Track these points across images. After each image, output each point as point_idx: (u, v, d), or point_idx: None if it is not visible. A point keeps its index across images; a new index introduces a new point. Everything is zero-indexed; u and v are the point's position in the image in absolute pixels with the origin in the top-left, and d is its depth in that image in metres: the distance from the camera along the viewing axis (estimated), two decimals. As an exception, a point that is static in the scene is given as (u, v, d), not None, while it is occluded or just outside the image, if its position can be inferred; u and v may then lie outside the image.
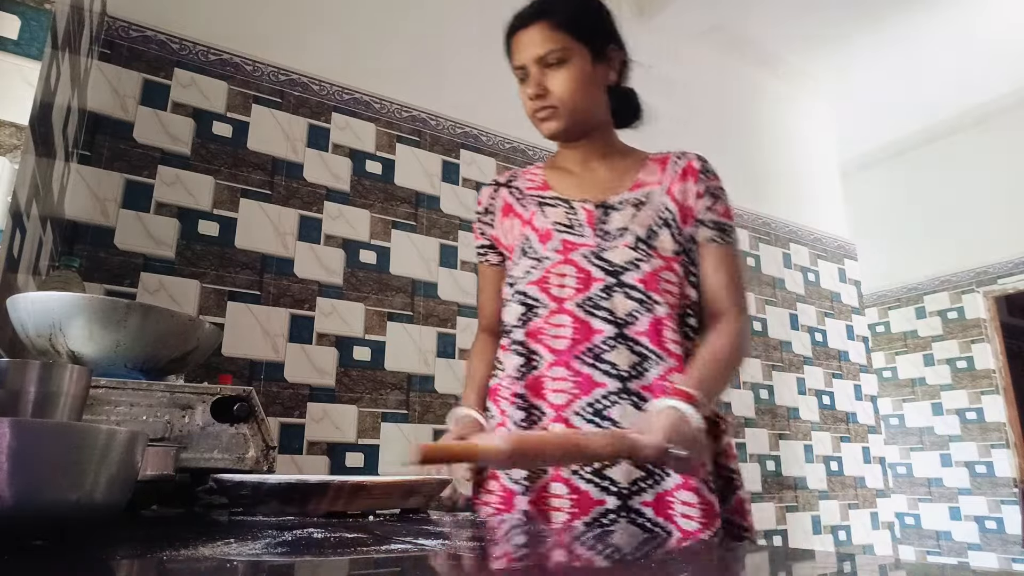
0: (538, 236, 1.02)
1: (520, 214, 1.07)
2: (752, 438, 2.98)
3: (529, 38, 0.98)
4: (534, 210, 1.05)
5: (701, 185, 1.01)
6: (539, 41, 0.97)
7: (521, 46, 0.99)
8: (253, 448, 0.82)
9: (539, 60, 0.97)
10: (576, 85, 0.97)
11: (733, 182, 3.82)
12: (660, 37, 3.31)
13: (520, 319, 1.00)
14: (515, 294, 1.02)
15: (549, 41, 0.96)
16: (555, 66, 0.97)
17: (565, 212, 1.03)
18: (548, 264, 0.99)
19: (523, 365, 0.98)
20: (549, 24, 0.97)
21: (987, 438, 4.10)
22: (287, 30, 2.20)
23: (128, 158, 1.83)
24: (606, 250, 0.97)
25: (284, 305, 1.98)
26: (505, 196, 1.11)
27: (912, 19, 3.53)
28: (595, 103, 1.02)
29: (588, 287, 0.96)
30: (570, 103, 0.98)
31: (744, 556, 0.42)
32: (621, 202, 1.01)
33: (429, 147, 2.39)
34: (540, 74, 0.98)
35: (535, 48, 0.97)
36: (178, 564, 0.32)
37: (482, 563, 0.35)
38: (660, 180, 1.02)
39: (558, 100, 0.98)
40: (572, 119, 1.00)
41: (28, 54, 0.99)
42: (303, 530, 0.46)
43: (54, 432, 0.35)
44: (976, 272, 4.28)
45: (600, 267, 0.96)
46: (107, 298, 0.84)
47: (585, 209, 1.02)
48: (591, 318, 0.94)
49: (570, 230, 1.01)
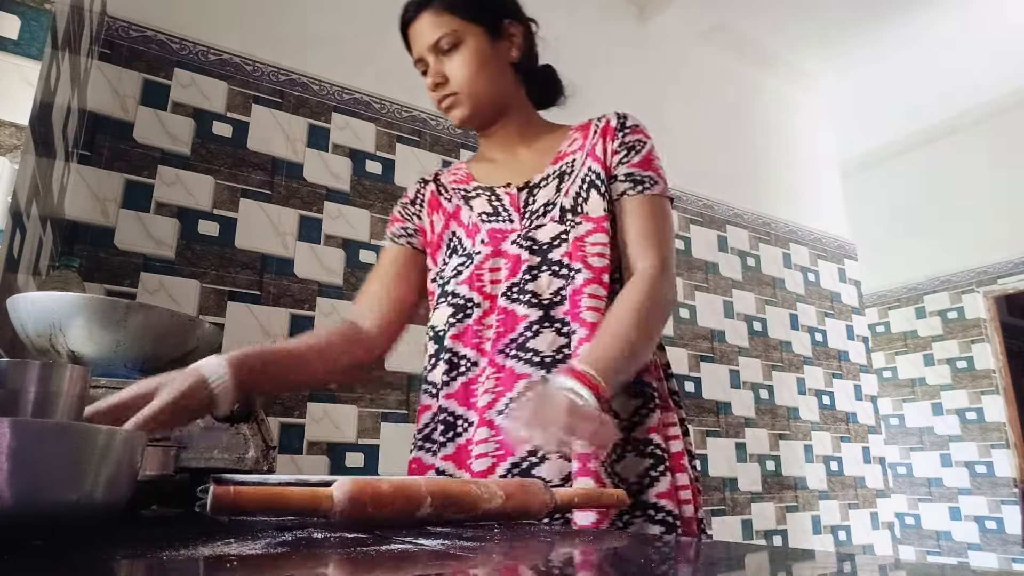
0: (466, 231, 0.97)
1: (445, 208, 1.02)
2: (752, 438, 2.97)
3: (419, 28, 0.94)
4: (459, 204, 1.01)
5: (617, 141, 0.95)
6: (428, 29, 0.93)
7: (414, 39, 0.96)
8: (253, 448, 0.82)
9: (433, 48, 0.93)
10: (474, 67, 0.93)
11: (733, 182, 3.81)
12: (660, 37, 3.31)
13: (448, 322, 0.92)
14: (443, 295, 0.95)
15: (438, 27, 0.92)
16: (449, 52, 0.93)
17: (489, 200, 0.97)
18: (478, 259, 0.93)
19: (447, 372, 0.90)
20: (435, 10, 0.93)
21: (987, 438, 4.10)
22: (287, 30, 2.20)
23: (128, 158, 1.83)
24: (534, 230, 0.92)
25: (284, 305, 1.98)
26: (432, 191, 1.06)
27: (912, 19, 3.53)
28: (499, 84, 0.97)
29: (516, 273, 0.89)
30: (469, 87, 0.94)
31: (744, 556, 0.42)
32: (545, 178, 0.96)
33: (429, 147, 2.39)
34: (437, 63, 0.94)
35: (426, 37, 0.93)
36: (178, 564, 0.32)
37: (483, 563, 0.35)
38: (582, 146, 0.97)
39: (457, 86, 0.94)
40: (476, 103, 0.95)
41: (28, 54, 0.99)
42: (303, 530, 0.46)
43: (54, 432, 0.35)
44: (976, 272, 4.28)
45: (528, 248, 0.90)
46: (107, 298, 0.84)
47: (508, 194, 0.96)
48: (516, 305, 0.87)
49: (496, 218, 0.95)
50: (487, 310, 0.90)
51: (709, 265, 3.10)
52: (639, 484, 0.82)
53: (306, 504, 0.44)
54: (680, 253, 3.00)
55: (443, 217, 1.02)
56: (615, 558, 0.40)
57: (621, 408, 0.85)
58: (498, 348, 0.86)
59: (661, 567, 0.37)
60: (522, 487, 0.56)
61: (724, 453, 2.86)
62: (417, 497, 0.48)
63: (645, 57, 3.24)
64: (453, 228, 0.99)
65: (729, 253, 3.21)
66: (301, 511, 0.44)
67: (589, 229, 0.89)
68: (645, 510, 0.81)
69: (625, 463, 0.83)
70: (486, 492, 0.52)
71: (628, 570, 0.36)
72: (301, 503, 0.44)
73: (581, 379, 0.71)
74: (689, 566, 0.38)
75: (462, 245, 0.97)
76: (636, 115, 1.01)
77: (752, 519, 2.85)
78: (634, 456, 0.84)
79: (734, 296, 3.15)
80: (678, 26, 3.31)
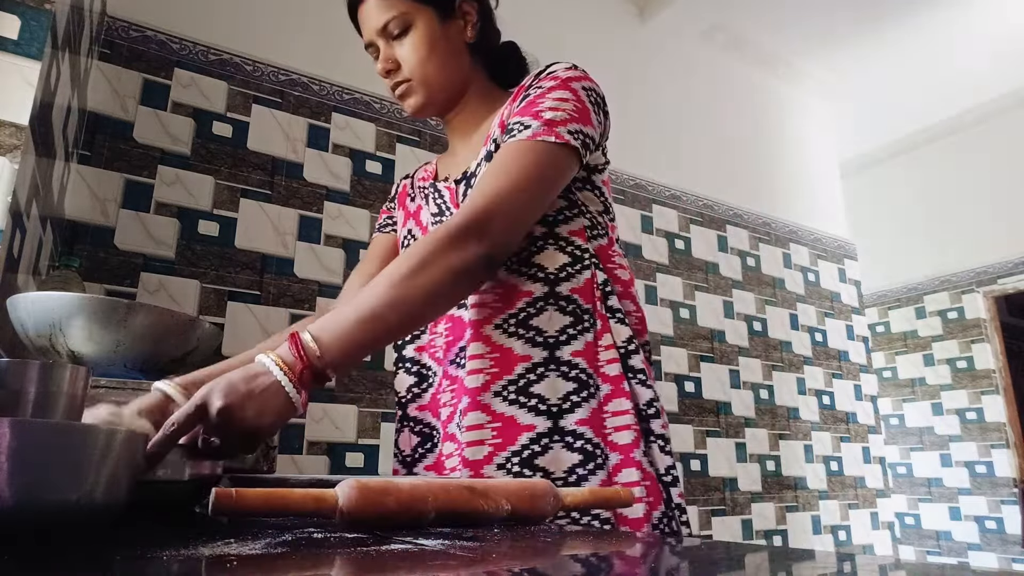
0: (422, 231, 0.94)
1: (407, 207, 1.00)
2: (752, 438, 2.98)
3: (367, 11, 0.88)
4: (420, 203, 0.96)
5: (522, 96, 0.82)
6: (376, 12, 0.87)
7: (363, 21, 0.89)
8: (253, 448, 0.82)
9: (382, 33, 0.87)
10: (425, 51, 0.86)
11: (733, 182, 3.80)
12: (660, 37, 3.31)
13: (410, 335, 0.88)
14: None
15: (386, 10, 0.86)
16: (399, 36, 0.87)
17: (435, 200, 0.92)
18: None
19: (416, 384, 0.87)
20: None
21: (987, 438, 4.10)
22: (287, 30, 2.20)
23: (128, 158, 1.83)
24: None
25: (284, 305, 1.98)
26: (406, 186, 1.04)
27: (912, 19, 3.53)
28: (453, 67, 0.89)
29: None
30: (421, 72, 0.87)
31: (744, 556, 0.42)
32: (479, 164, 0.85)
33: (429, 147, 2.39)
34: (387, 47, 0.88)
35: (373, 20, 0.87)
36: (178, 564, 0.32)
37: (483, 562, 0.35)
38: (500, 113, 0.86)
39: (409, 72, 0.87)
40: (429, 90, 0.88)
41: (28, 54, 0.99)
42: (303, 530, 0.46)
43: (54, 432, 0.35)
44: (976, 272, 4.28)
45: None
46: (107, 298, 0.84)
47: (448, 188, 0.90)
48: (462, 311, 0.82)
49: (440, 217, 0.90)
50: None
51: (709, 265, 3.10)
52: (558, 407, 0.75)
53: (308, 506, 0.44)
54: (680, 253, 3.01)
55: (404, 216, 1.00)
56: (615, 558, 0.40)
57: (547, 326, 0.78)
58: (449, 359, 0.83)
59: (661, 567, 0.37)
60: (531, 498, 0.56)
61: (724, 453, 2.86)
62: (422, 510, 0.48)
63: (645, 57, 3.24)
64: (409, 227, 0.96)
65: (729, 253, 3.21)
66: (303, 512, 0.44)
67: None
68: (563, 436, 0.75)
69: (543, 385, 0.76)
70: (492, 506, 0.52)
71: (628, 570, 0.36)
72: (303, 504, 0.44)
73: (293, 344, 0.61)
74: (689, 566, 0.38)
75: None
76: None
77: (752, 519, 2.85)
78: (557, 378, 0.77)
79: (734, 296, 3.15)
80: (678, 26, 3.31)
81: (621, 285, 0.86)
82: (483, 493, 0.53)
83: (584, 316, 0.79)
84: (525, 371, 0.77)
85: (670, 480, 0.78)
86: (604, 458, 0.75)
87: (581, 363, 0.78)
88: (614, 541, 0.49)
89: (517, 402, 0.76)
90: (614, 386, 0.78)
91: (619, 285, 0.85)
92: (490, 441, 0.75)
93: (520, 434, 0.75)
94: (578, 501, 0.61)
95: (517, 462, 0.74)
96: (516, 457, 0.74)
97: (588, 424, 0.75)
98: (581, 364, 0.77)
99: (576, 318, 0.79)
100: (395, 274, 0.67)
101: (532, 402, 0.76)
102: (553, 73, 0.83)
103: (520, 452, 0.74)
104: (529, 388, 0.77)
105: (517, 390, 0.77)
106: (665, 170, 3.05)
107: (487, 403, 0.76)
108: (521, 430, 0.75)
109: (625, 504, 0.63)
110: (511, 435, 0.75)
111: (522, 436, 0.75)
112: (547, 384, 0.77)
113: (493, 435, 0.76)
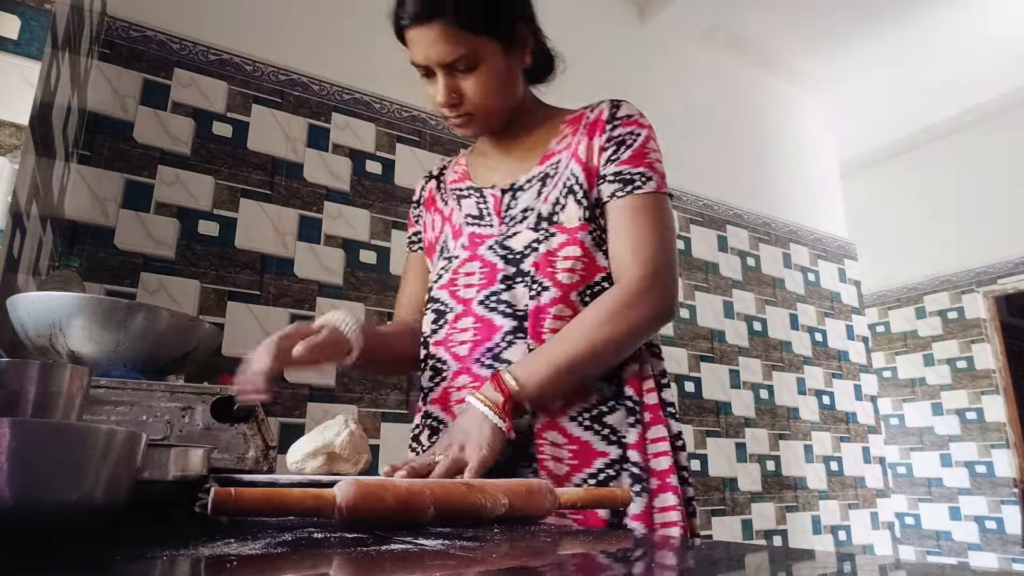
0: (452, 233, 0.95)
1: (441, 210, 1.00)
2: (752, 438, 2.98)
3: (426, 38, 0.81)
4: (453, 206, 0.98)
5: (605, 136, 0.87)
6: (441, 47, 0.81)
7: (418, 45, 0.82)
8: (253, 448, 0.82)
9: (447, 66, 0.83)
10: (493, 88, 0.85)
11: (733, 182, 3.80)
12: (660, 37, 3.31)
13: (431, 328, 0.92)
14: (429, 300, 0.94)
15: (453, 46, 0.80)
16: (465, 71, 0.83)
17: (476, 202, 0.94)
18: (456, 264, 0.91)
19: (431, 379, 0.90)
20: (446, 24, 0.79)
21: (987, 438, 4.10)
22: (287, 30, 2.20)
23: (128, 158, 1.83)
24: (509, 237, 0.88)
25: (284, 305, 1.98)
26: (432, 189, 1.04)
27: (912, 19, 3.53)
28: (513, 95, 0.90)
29: (492, 281, 0.86)
30: (487, 107, 0.86)
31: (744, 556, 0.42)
32: (529, 180, 0.90)
33: (429, 147, 2.39)
34: (449, 80, 0.84)
35: (437, 55, 0.81)
36: (178, 564, 0.32)
37: (483, 562, 0.35)
38: (569, 144, 0.90)
39: (473, 107, 0.86)
40: (490, 121, 0.90)
41: (28, 54, 0.99)
42: (303, 530, 0.46)
43: (54, 432, 0.35)
44: (976, 272, 4.28)
45: (503, 257, 0.87)
46: (107, 298, 0.84)
47: (493, 195, 0.92)
48: (493, 315, 0.85)
49: (479, 222, 0.92)
50: (459, 314, 0.88)
51: (709, 265, 3.10)
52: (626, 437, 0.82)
53: (307, 506, 0.44)
54: (680, 253, 3.00)
55: (440, 219, 1.00)
56: (615, 558, 0.40)
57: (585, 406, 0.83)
58: (475, 357, 0.85)
59: (661, 567, 0.37)
60: (527, 492, 0.56)
61: (724, 453, 2.86)
62: (421, 507, 0.48)
63: (645, 57, 3.24)
64: (446, 231, 0.97)
65: (729, 253, 3.21)
66: (302, 512, 0.44)
67: (561, 242, 0.84)
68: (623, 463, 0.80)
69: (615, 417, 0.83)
70: (490, 501, 0.52)
71: (628, 570, 0.36)
72: (302, 505, 0.44)
73: (495, 382, 0.76)
74: (689, 566, 0.38)
75: (447, 247, 0.95)
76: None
77: (752, 519, 2.85)
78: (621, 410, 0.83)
79: (734, 296, 3.15)
80: (678, 26, 3.31)
81: None
82: (480, 489, 0.53)
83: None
84: (597, 401, 0.83)
85: (692, 511, 0.84)
86: (647, 482, 0.80)
87: (630, 392, 0.84)
88: (613, 541, 0.49)
89: (592, 429, 0.82)
90: (653, 414, 0.84)
91: None
92: (568, 461, 0.80)
93: (595, 459, 0.81)
94: (575, 499, 0.61)
95: (594, 484, 0.80)
96: (592, 479, 0.80)
97: (636, 448, 0.81)
98: (630, 392, 0.84)
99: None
100: (587, 323, 0.79)
101: (605, 431, 0.82)
102: (635, 119, 0.89)
103: (596, 475, 0.80)
104: (603, 418, 0.82)
105: (591, 418, 0.82)
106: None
107: (563, 426, 0.82)
108: (596, 455, 0.81)
109: (622, 503, 0.64)
110: (588, 459, 0.81)
111: (597, 461, 0.81)
112: (616, 416, 0.82)
113: (570, 456, 0.81)
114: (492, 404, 0.74)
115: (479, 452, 0.71)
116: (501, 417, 0.74)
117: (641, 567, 0.37)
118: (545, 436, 0.81)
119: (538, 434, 0.81)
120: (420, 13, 0.80)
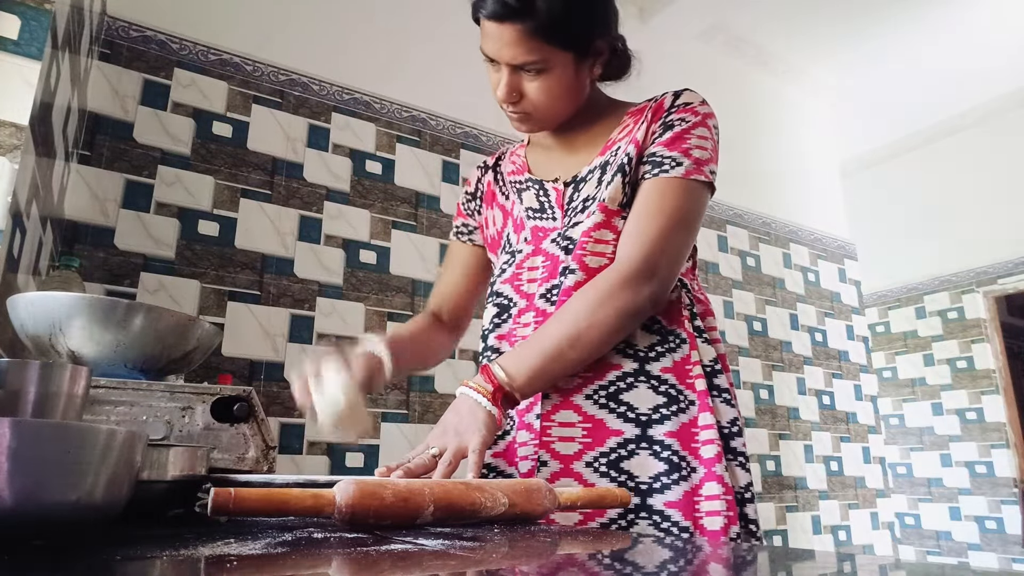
0: (514, 227, 0.95)
1: (503, 205, 1.00)
2: (752, 438, 2.97)
3: (501, 37, 0.80)
4: (514, 199, 0.97)
5: (661, 121, 0.86)
6: (514, 49, 0.80)
7: (491, 39, 0.82)
8: (253, 448, 0.82)
9: (514, 66, 0.82)
10: (557, 96, 0.85)
11: (733, 182, 3.79)
12: (660, 37, 3.31)
13: (493, 322, 0.92)
14: (491, 295, 0.94)
15: (525, 51, 0.80)
16: (532, 73, 0.83)
17: (536, 195, 0.93)
18: (520, 258, 0.91)
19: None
20: (525, 30, 0.78)
21: (987, 438, 4.10)
22: (287, 30, 2.20)
23: (128, 158, 1.83)
24: (571, 228, 0.87)
25: (284, 305, 1.98)
26: (490, 182, 1.04)
27: (912, 19, 3.53)
28: (577, 101, 0.89)
29: (554, 274, 0.85)
30: (547, 111, 0.87)
31: (743, 556, 0.42)
32: (591, 171, 0.89)
33: (429, 147, 2.39)
34: (514, 77, 0.83)
35: (509, 55, 0.81)
36: (178, 564, 0.32)
37: (483, 562, 0.35)
38: (630, 131, 0.88)
39: (533, 108, 0.86)
40: (547, 123, 0.90)
41: (28, 54, 0.99)
42: (303, 530, 0.46)
43: (54, 432, 0.35)
44: (976, 272, 4.27)
45: (564, 248, 0.86)
46: (107, 298, 0.84)
47: (556, 189, 0.92)
48: (553, 307, 0.84)
49: (541, 215, 0.92)
50: (523, 309, 0.88)
51: (709, 265, 3.10)
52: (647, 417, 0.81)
53: (307, 506, 0.44)
54: (680, 253, 3.00)
55: (501, 214, 0.99)
56: (615, 558, 0.40)
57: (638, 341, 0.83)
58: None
59: (660, 567, 0.37)
60: (527, 492, 0.56)
61: (724, 453, 2.86)
62: (420, 505, 0.48)
63: (644, 57, 3.24)
64: (509, 225, 0.97)
65: (729, 253, 3.21)
66: (301, 513, 0.44)
67: (597, 222, 0.83)
68: (651, 445, 0.79)
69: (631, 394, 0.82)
70: (490, 500, 0.52)
71: (628, 570, 0.36)
72: (301, 505, 0.44)
73: (485, 373, 0.76)
74: (688, 566, 0.38)
75: (510, 242, 0.95)
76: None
77: (752, 519, 2.85)
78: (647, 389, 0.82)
79: (734, 296, 3.15)
80: (677, 25, 3.32)
81: (702, 305, 0.90)
82: (479, 488, 0.53)
83: (670, 336, 0.85)
84: (616, 379, 0.82)
85: (749, 497, 0.82)
86: (690, 470, 0.79)
87: (670, 379, 0.83)
88: (612, 541, 0.49)
89: (607, 407, 0.81)
90: (700, 402, 0.82)
91: (700, 305, 0.90)
92: (580, 439, 0.81)
93: (608, 437, 0.80)
94: (575, 499, 0.61)
95: (604, 463, 0.79)
96: (604, 458, 0.80)
97: (676, 437, 0.80)
98: (671, 380, 0.83)
99: (662, 337, 0.85)
100: (574, 311, 0.78)
101: (621, 408, 0.81)
102: (692, 106, 0.87)
103: (608, 454, 0.80)
104: (619, 395, 0.82)
105: (607, 396, 0.82)
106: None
107: (578, 404, 0.82)
108: (610, 434, 0.80)
109: (622, 503, 0.64)
110: (600, 437, 0.81)
111: (610, 440, 0.80)
112: (635, 394, 0.82)
113: (583, 434, 0.81)
114: (483, 391, 0.75)
115: (479, 434, 0.71)
116: (493, 404, 0.74)
117: (641, 566, 0.37)
118: (553, 418, 0.81)
119: (545, 417, 0.81)
120: (500, 12, 0.79)
